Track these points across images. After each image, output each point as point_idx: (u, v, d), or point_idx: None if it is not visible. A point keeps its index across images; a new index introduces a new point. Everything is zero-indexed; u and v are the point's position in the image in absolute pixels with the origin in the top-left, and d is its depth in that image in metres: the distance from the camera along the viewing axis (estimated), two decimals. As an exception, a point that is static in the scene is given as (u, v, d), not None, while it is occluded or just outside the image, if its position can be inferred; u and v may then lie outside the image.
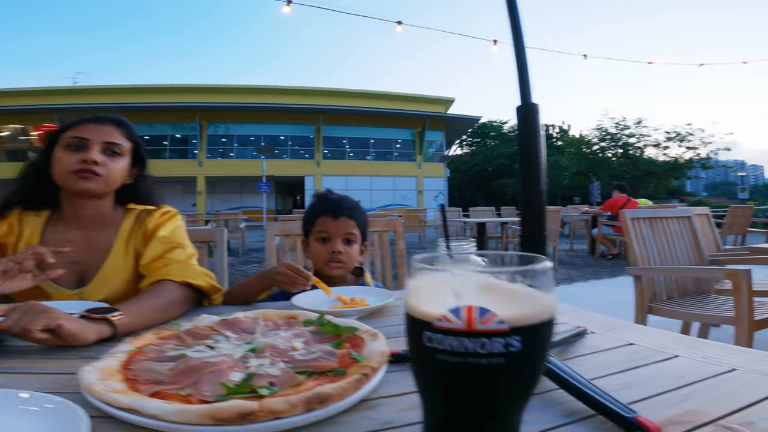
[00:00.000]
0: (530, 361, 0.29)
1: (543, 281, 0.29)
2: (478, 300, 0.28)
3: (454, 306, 0.28)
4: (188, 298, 0.97)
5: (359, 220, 1.25)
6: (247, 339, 0.61)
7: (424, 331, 0.29)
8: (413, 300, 0.31)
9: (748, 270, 1.85)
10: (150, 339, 0.61)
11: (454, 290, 0.28)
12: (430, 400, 0.32)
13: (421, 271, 0.30)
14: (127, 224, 1.13)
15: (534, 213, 0.44)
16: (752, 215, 7.75)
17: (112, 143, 1.07)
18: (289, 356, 0.54)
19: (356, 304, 0.91)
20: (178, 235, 1.12)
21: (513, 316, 0.28)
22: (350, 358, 0.54)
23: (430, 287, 0.30)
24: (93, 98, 22.70)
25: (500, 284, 0.29)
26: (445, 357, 0.28)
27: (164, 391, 0.43)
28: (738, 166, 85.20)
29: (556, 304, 0.30)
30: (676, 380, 0.52)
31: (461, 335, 0.28)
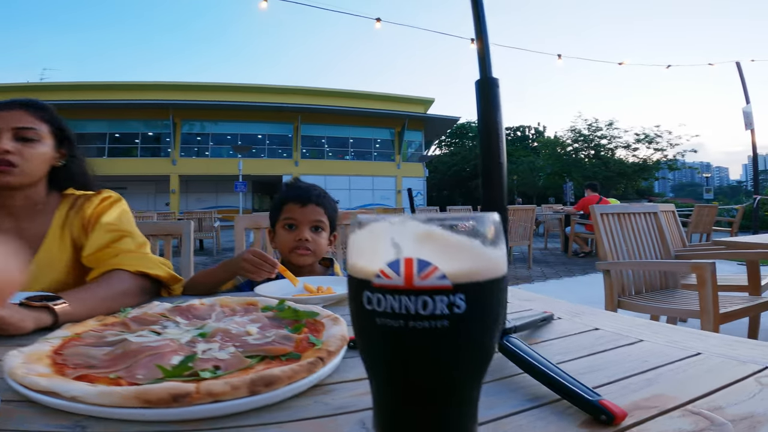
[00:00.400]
0: (478, 325, 0.26)
1: (491, 234, 0.27)
2: (418, 251, 0.25)
3: (393, 259, 0.25)
4: (143, 288, 0.92)
5: (328, 208, 1.21)
6: (198, 325, 0.57)
7: (363, 292, 0.27)
8: (353, 257, 0.28)
9: (712, 263, 1.90)
10: (92, 325, 0.57)
11: (393, 241, 0.26)
12: (374, 374, 0.30)
13: (361, 225, 0.28)
14: (63, 211, 1.06)
15: (493, 183, 0.43)
16: (717, 215, 8.07)
17: (24, 128, 0.98)
18: (242, 341, 0.51)
19: (323, 293, 0.87)
20: (124, 222, 1.05)
21: (457, 270, 0.25)
22: (308, 343, 0.51)
23: (368, 240, 0.27)
24: (61, 95, 21.82)
25: (443, 234, 0.26)
26: (385, 321, 0.25)
27: (92, 374, 0.40)
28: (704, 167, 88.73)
29: (505, 261, 0.28)
30: (641, 364, 0.51)
31: (401, 293, 0.25)
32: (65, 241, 1.02)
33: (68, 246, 1.02)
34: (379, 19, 6.54)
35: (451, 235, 0.26)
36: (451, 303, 0.25)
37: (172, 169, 22.78)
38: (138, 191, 24.32)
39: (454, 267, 0.25)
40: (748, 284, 2.47)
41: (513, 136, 44.60)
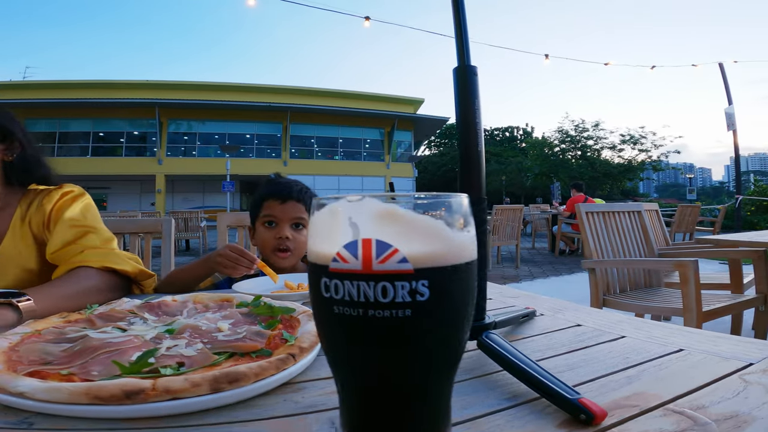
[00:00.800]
0: (444, 315, 0.24)
1: (458, 216, 0.25)
2: (378, 232, 0.23)
3: (350, 240, 0.23)
4: (111, 285, 0.88)
5: (309, 204, 1.17)
6: (167, 321, 0.55)
7: (321, 278, 0.25)
8: (311, 241, 0.26)
9: (695, 261, 1.92)
10: (54, 322, 0.54)
11: (351, 221, 0.24)
12: (337, 368, 0.28)
13: (320, 206, 0.26)
14: (23, 207, 1.02)
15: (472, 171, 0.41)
16: (699, 215, 8.23)
17: None
18: (211, 337, 0.49)
19: (303, 290, 0.85)
20: (89, 218, 1.01)
21: (419, 253, 0.23)
22: (280, 339, 0.49)
23: (327, 222, 0.25)
24: (44, 93, 21.42)
25: (405, 213, 0.24)
26: (343, 309, 0.24)
27: (45, 370, 0.37)
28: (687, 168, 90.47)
29: (474, 246, 0.26)
30: (623, 361, 0.50)
31: (359, 278, 0.23)
32: (26, 238, 0.99)
33: (30, 242, 0.99)
34: (368, 18, 6.52)
35: (414, 215, 0.24)
36: (413, 290, 0.23)
37: (158, 169, 22.46)
38: (123, 191, 23.94)
39: (416, 249, 0.23)
40: (730, 282, 2.51)
41: (501, 136, 44.93)
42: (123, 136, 23.36)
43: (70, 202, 1.01)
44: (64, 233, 0.95)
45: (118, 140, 23.30)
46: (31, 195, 1.04)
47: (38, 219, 1.00)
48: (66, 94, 21.53)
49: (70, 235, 0.94)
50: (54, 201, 1.01)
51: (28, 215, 1.00)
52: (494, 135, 45.19)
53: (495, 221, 5.89)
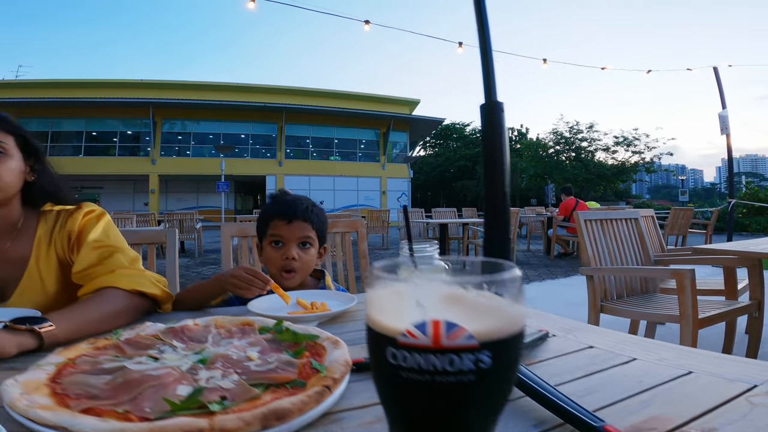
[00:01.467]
0: (502, 377, 0.27)
1: (512, 290, 0.27)
2: (444, 313, 0.26)
3: (419, 320, 0.26)
4: (137, 307, 0.89)
5: (315, 223, 1.18)
6: (196, 349, 0.56)
7: (387, 347, 0.27)
8: (374, 312, 0.28)
9: (692, 270, 1.96)
10: (84, 349, 0.55)
11: (418, 302, 0.26)
12: (396, 419, 0.30)
13: (381, 280, 0.28)
14: (44, 229, 1.01)
15: (498, 212, 0.44)
16: (692, 217, 8.33)
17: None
18: (244, 367, 0.50)
19: (317, 309, 0.87)
20: (111, 237, 1.01)
21: (483, 330, 0.26)
22: (311, 368, 0.51)
23: (391, 298, 0.28)
24: (37, 92, 21.20)
25: (467, 295, 0.26)
26: (411, 375, 0.26)
27: (98, 407, 0.39)
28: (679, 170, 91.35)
29: (526, 313, 0.28)
30: (636, 384, 0.53)
31: (428, 352, 0.25)
32: (51, 260, 0.99)
33: (54, 264, 0.99)
34: (367, 22, 6.53)
35: (477, 296, 0.27)
36: (477, 360, 0.25)
37: (152, 169, 22.32)
38: (116, 191, 23.77)
39: (481, 326, 0.26)
40: (724, 288, 2.56)
41: (496, 138, 44.97)
42: (116, 136, 23.17)
43: (94, 223, 1.01)
44: (90, 254, 0.95)
45: (111, 140, 23.11)
46: (51, 216, 1.03)
47: (62, 241, 0.99)
48: (59, 93, 21.32)
49: (96, 257, 0.95)
50: (77, 222, 1.00)
51: (53, 237, 1.00)
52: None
53: (491, 224, 5.93)
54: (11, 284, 0.94)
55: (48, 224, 1.02)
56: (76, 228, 1.00)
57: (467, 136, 44.95)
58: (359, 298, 0.95)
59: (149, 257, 1.61)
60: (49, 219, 1.03)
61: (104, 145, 23.06)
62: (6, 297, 0.94)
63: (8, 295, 0.94)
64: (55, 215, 1.04)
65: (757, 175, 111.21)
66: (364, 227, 1.81)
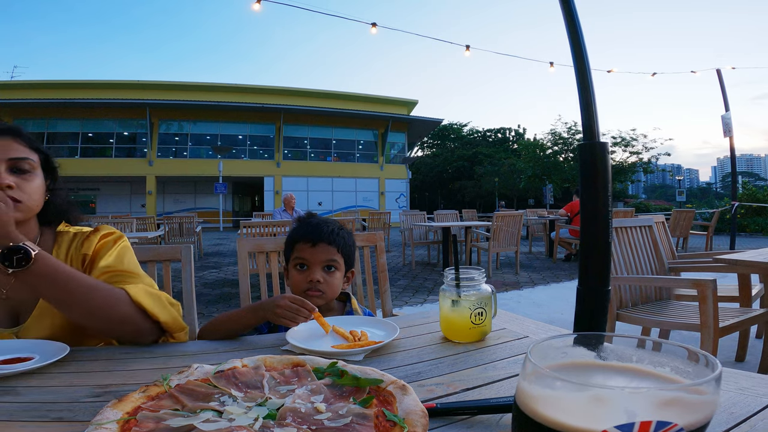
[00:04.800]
0: None
1: (717, 384, 0.27)
2: (658, 415, 0.25)
3: (625, 422, 0.25)
4: (137, 321, 0.85)
5: (341, 246, 1.15)
6: (257, 399, 0.53)
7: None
8: (556, 414, 0.26)
9: (713, 280, 1.94)
10: (138, 399, 0.52)
11: (628, 410, 0.25)
12: None
13: (567, 383, 0.26)
14: (60, 250, 0.99)
15: (599, 249, 0.40)
16: (693, 218, 8.35)
17: (19, 159, 0.90)
18: (317, 422, 0.47)
19: (359, 339, 0.83)
20: (125, 263, 0.98)
21: (693, 422, 0.26)
22: (386, 421, 0.48)
23: (588, 403, 0.26)
24: (33, 93, 21.08)
25: (686, 397, 0.26)
26: None
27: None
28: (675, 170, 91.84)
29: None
30: (730, 417, 0.52)
31: None
32: None
33: None
34: (374, 24, 6.48)
35: (692, 395, 0.26)
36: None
37: (149, 170, 22.19)
38: (112, 192, 23.63)
39: (692, 420, 0.26)
40: (739, 295, 2.54)
41: (494, 137, 45.15)
42: (113, 137, 23.04)
43: (109, 246, 0.99)
44: (99, 279, 0.91)
45: (108, 141, 22.98)
46: (67, 238, 1.01)
47: (77, 264, 0.97)
48: (54, 94, 21.20)
49: (105, 281, 0.91)
50: (93, 245, 0.98)
51: (69, 260, 0.97)
52: (487, 136, 45.42)
53: (495, 227, 5.90)
54: (29, 307, 0.92)
55: (64, 246, 1.00)
56: (91, 251, 0.98)
57: (465, 136, 45.03)
58: (398, 326, 0.91)
59: (165, 274, 1.56)
60: (66, 240, 1.01)
61: (100, 146, 22.92)
62: (23, 320, 0.91)
63: (25, 318, 0.91)
64: (72, 237, 1.02)
65: (753, 174, 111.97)
66: (382, 240, 1.77)
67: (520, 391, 0.28)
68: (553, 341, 0.29)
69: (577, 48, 0.43)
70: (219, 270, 7.32)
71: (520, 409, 0.27)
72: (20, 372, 0.69)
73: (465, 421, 0.53)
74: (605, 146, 0.34)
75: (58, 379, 0.69)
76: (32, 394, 0.63)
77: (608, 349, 0.30)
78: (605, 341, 0.30)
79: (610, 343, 0.30)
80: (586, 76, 0.34)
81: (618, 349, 0.30)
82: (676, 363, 0.28)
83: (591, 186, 0.35)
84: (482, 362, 0.73)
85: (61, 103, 20.85)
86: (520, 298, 4.69)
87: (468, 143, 43.29)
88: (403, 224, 7.67)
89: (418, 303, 4.68)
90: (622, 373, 0.28)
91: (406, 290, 5.29)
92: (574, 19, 0.65)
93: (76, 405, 0.59)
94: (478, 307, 0.81)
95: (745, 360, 2.67)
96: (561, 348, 0.30)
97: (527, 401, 0.27)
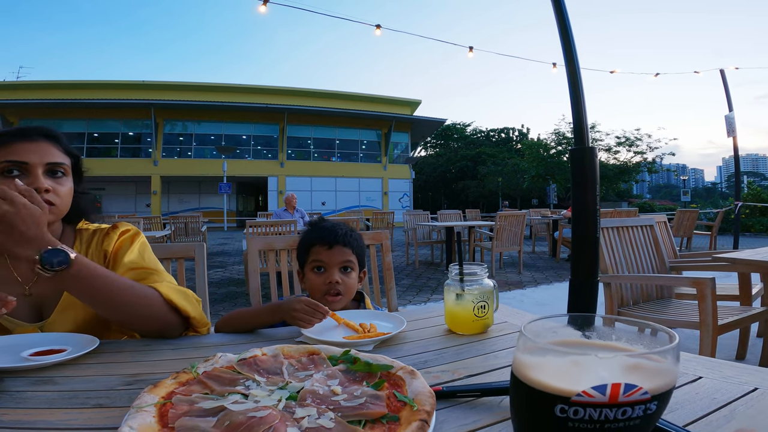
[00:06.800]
0: (659, 414, 0.33)
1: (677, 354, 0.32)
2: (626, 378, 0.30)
3: (599, 383, 0.30)
4: (163, 312, 0.90)
5: (355, 247, 1.20)
6: (278, 383, 0.58)
7: (556, 404, 0.31)
8: (543, 376, 0.31)
9: (712, 279, 1.97)
10: (170, 385, 0.57)
11: (600, 374, 0.30)
12: None
13: (552, 351, 0.31)
14: (81, 247, 1.03)
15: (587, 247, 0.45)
16: (697, 218, 8.35)
17: (56, 164, 0.94)
18: (334, 403, 0.52)
19: (368, 331, 0.89)
20: (146, 259, 1.02)
21: (657, 386, 0.31)
22: (397, 401, 0.53)
23: (568, 367, 0.31)
24: (38, 94, 21.24)
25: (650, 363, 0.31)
26: (578, 425, 0.30)
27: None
28: (680, 169, 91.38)
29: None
30: (711, 402, 0.56)
31: (603, 407, 0.30)
32: None
33: None
34: (378, 26, 6.53)
35: (656, 363, 0.31)
36: (646, 408, 0.31)
37: (154, 170, 22.34)
38: (117, 192, 23.77)
39: (655, 384, 0.31)
40: (739, 294, 2.57)
41: (497, 137, 45.11)
42: (118, 137, 23.19)
43: (129, 243, 1.03)
44: (126, 276, 0.95)
45: (113, 141, 23.14)
46: (87, 235, 1.05)
47: (98, 260, 1.01)
48: (60, 94, 21.35)
49: (132, 278, 0.95)
50: (113, 241, 1.02)
51: (89, 257, 1.01)
52: (490, 136, 45.38)
53: (498, 227, 5.94)
54: (50, 303, 0.96)
55: (84, 243, 1.04)
56: (112, 247, 1.02)
57: (468, 136, 44.98)
58: (405, 319, 0.96)
59: (179, 271, 1.62)
60: (86, 237, 1.05)
61: (106, 146, 23.07)
62: (47, 315, 0.95)
63: (49, 313, 0.95)
64: (91, 234, 1.05)
65: (758, 174, 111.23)
66: (388, 239, 1.82)
67: (515, 362, 0.33)
68: (545, 321, 0.35)
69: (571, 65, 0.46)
70: (224, 269, 7.40)
71: (515, 376, 0.32)
72: (56, 362, 0.74)
73: (469, 403, 0.57)
74: (594, 150, 0.37)
75: (92, 369, 0.74)
76: (69, 383, 0.67)
77: (592, 328, 0.35)
78: (591, 322, 0.35)
79: (594, 324, 0.35)
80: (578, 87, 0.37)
81: (601, 329, 0.35)
82: (649, 340, 0.34)
83: (581, 186, 0.38)
84: (484, 352, 0.78)
85: (66, 104, 21.00)
86: (523, 297, 4.73)
87: (471, 143, 43.26)
88: (406, 224, 7.72)
89: (422, 302, 4.72)
90: (603, 348, 0.33)
91: (409, 289, 5.34)
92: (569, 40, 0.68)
93: (112, 392, 0.63)
94: (480, 300, 0.86)
95: (745, 358, 2.70)
96: (551, 327, 0.35)
97: (521, 369, 0.32)
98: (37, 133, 0.95)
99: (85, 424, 0.53)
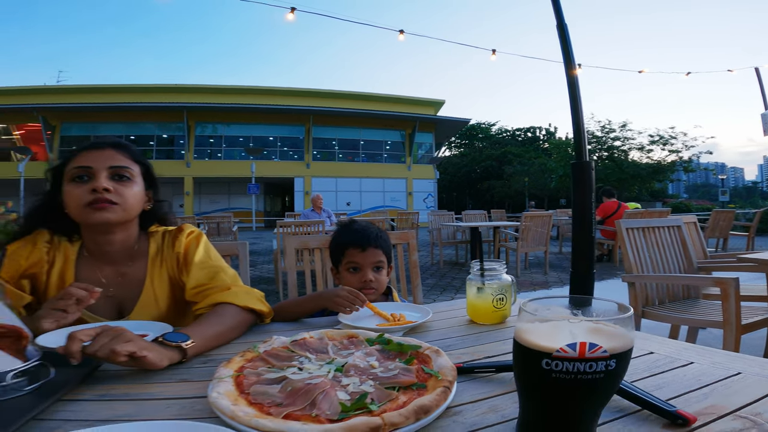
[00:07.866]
0: (619, 375, 0.42)
1: (631, 323, 0.42)
2: (590, 338, 0.40)
3: (571, 342, 0.40)
4: (248, 322, 1.01)
5: (384, 248, 1.33)
6: (326, 359, 0.70)
7: (543, 359, 0.41)
8: (533, 337, 0.42)
9: (736, 278, 1.99)
10: (239, 362, 0.69)
11: (572, 332, 0.41)
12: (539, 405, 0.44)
13: (543, 320, 0.42)
14: (153, 249, 1.12)
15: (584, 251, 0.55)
16: (733, 218, 8.05)
17: (119, 167, 1.03)
18: (373, 374, 0.63)
19: (398, 320, 1.00)
20: (212, 257, 1.13)
21: (613, 347, 0.41)
22: (424, 373, 0.63)
23: (550, 329, 0.42)
24: (77, 98, 22.33)
25: (606, 328, 0.42)
26: (559, 375, 0.41)
27: (293, 413, 0.52)
28: (719, 168, 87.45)
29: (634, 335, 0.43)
30: (696, 382, 0.65)
31: (575, 360, 0.40)
32: (163, 279, 1.11)
33: (166, 283, 1.11)
34: (402, 31, 6.65)
35: (611, 327, 0.42)
36: (607, 364, 0.40)
37: (186, 171, 23.14)
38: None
39: (612, 345, 0.41)
40: (767, 295, 2.55)
41: (524, 137, 44.43)
42: (153, 140, 24.16)
43: (196, 244, 1.13)
44: (199, 274, 1.08)
45: (149, 143, 24.09)
46: (158, 237, 1.15)
47: (172, 262, 1.12)
48: (99, 98, 22.39)
49: (204, 276, 1.07)
50: (182, 243, 1.12)
51: (163, 258, 1.12)
52: (516, 136, 44.75)
53: (523, 227, 5.95)
54: (129, 303, 1.07)
55: (157, 245, 1.14)
56: (182, 249, 1.11)
57: (493, 135, 44.49)
58: (431, 311, 1.07)
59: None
60: (157, 239, 1.15)
61: (142, 148, 23.83)
62: (126, 314, 1.07)
63: (128, 312, 1.07)
64: (161, 236, 1.16)
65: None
66: (414, 238, 1.93)
67: (515, 330, 0.44)
68: (541, 300, 0.45)
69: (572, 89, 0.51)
70: (254, 268, 7.66)
71: (515, 340, 0.43)
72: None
73: (486, 378, 0.68)
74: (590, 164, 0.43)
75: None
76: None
77: (579, 308, 0.45)
78: (575, 301, 0.45)
79: (578, 303, 0.45)
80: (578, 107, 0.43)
81: (583, 306, 0.45)
82: (614, 313, 0.44)
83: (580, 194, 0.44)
84: (502, 338, 0.88)
85: (104, 107, 22.01)
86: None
87: (496, 143, 42.80)
88: (431, 224, 7.79)
89: (446, 300, 4.80)
90: (575, 318, 0.44)
91: (434, 288, 5.43)
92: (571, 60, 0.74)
93: (192, 369, 0.76)
94: (499, 293, 0.96)
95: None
96: (546, 305, 0.45)
97: (519, 333, 0.43)
98: (106, 142, 1.07)
99: (176, 394, 0.65)
